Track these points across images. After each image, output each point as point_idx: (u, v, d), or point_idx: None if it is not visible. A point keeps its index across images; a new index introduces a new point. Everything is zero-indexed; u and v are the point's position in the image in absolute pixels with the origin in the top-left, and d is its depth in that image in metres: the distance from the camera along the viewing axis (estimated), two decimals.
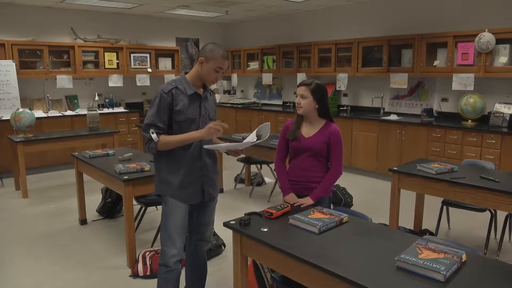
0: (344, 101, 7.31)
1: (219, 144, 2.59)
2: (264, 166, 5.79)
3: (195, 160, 2.50)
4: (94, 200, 4.89)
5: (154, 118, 2.37)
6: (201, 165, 2.52)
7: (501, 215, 3.88)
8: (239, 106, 8.55)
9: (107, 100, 7.79)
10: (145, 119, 2.43)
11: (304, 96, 2.71)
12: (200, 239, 2.72)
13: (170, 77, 7.86)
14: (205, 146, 2.48)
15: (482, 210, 3.61)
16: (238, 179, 5.94)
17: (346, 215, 2.38)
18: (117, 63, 7.63)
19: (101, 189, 4.79)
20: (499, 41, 5.06)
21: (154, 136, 2.34)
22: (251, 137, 2.51)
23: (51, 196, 5.48)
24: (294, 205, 2.63)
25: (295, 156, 2.84)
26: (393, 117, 6.16)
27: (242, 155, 5.54)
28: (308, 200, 2.67)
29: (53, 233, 4.24)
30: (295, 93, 8.38)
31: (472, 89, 5.34)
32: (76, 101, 7.53)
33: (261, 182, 5.96)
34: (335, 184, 3.32)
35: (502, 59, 5.07)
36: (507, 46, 5.05)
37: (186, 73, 2.51)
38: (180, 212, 2.50)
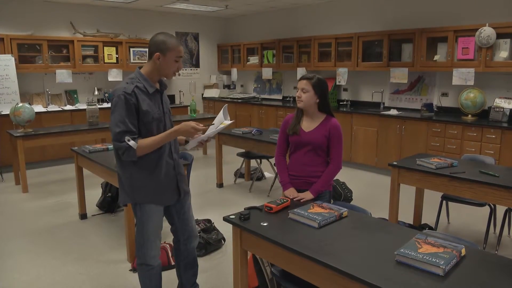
0: (344, 95, 7.30)
1: (197, 138, 2.44)
2: (264, 161, 5.79)
3: (167, 160, 2.42)
4: (94, 194, 4.90)
5: (125, 124, 2.19)
6: (173, 163, 2.47)
7: (500, 210, 3.89)
8: (239, 100, 8.54)
9: (106, 95, 7.78)
10: (113, 127, 2.21)
11: (305, 90, 2.70)
12: (189, 236, 2.67)
13: None
14: (188, 147, 2.44)
15: (481, 204, 3.62)
16: (238, 174, 5.94)
17: (345, 209, 2.39)
18: (117, 58, 7.62)
19: (101, 184, 4.79)
20: (499, 36, 5.05)
21: (132, 143, 2.18)
22: (219, 120, 2.47)
23: (51, 190, 5.49)
24: (294, 199, 2.64)
25: (295, 150, 2.84)
26: (393, 111, 6.16)
27: (242, 150, 5.55)
28: (308, 195, 2.68)
29: (53, 227, 4.25)
30: (295, 87, 8.35)
31: (472, 83, 5.33)
32: (75, 95, 7.52)
33: (261, 177, 5.97)
34: (334, 178, 3.33)
35: (503, 54, 5.06)
36: (508, 40, 5.03)
37: (140, 68, 2.35)
38: (158, 216, 2.46)
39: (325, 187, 2.75)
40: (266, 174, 6.10)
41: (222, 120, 2.47)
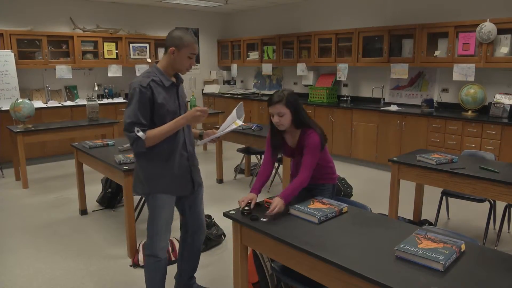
0: (344, 91, 7.29)
1: (210, 136, 2.55)
2: None
3: (181, 152, 2.47)
4: (94, 190, 4.90)
5: (137, 115, 2.26)
6: (187, 155, 2.52)
7: (500, 206, 3.89)
8: (239, 96, 8.53)
9: (106, 91, 7.77)
10: (125, 118, 2.29)
11: (281, 114, 2.54)
12: (197, 230, 2.72)
13: None
14: (200, 142, 2.52)
15: (481, 200, 3.63)
16: (238, 170, 5.94)
17: (345, 205, 2.39)
18: (116, 53, 7.59)
19: (101, 180, 4.80)
20: (500, 31, 5.03)
21: (141, 134, 2.25)
22: (232, 118, 2.49)
23: (51, 186, 5.49)
24: (269, 211, 2.32)
25: (291, 158, 2.83)
26: (393, 107, 6.15)
27: (242, 146, 5.55)
28: (279, 202, 2.34)
29: (54, 223, 4.25)
30: (295, 83, 8.29)
31: (472, 79, 5.32)
32: (75, 91, 7.51)
33: None
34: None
35: (503, 49, 5.05)
36: (508, 36, 5.02)
37: (156, 62, 2.44)
38: (169, 206, 2.50)
39: (292, 196, 2.46)
40: None
41: (235, 119, 2.49)
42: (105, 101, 7.48)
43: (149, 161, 2.41)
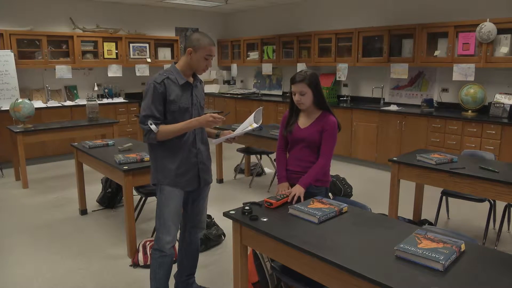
0: (344, 91, 7.29)
1: (225, 136, 2.64)
2: (264, 156, 5.79)
3: (190, 148, 2.55)
4: (94, 190, 4.90)
5: (151, 109, 2.40)
6: (196, 152, 2.58)
7: (500, 206, 3.89)
8: (239, 96, 8.53)
9: (106, 91, 7.77)
10: (141, 111, 2.45)
11: (303, 92, 2.65)
12: (195, 226, 2.78)
13: None
14: (215, 141, 2.63)
15: (481, 200, 3.63)
16: (238, 169, 5.95)
17: (345, 205, 2.39)
18: (116, 53, 7.59)
19: (101, 179, 4.80)
20: (500, 31, 5.03)
21: (153, 127, 2.37)
22: (249, 121, 2.55)
23: (51, 186, 5.49)
24: (289, 200, 2.51)
25: (292, 146, 2.84)
26: (393, 107, 6.15)
27: (242, 146, 5.56)
28: (298, 188, 2.58)
29: (54, 223, 4.25)
30: None
31: (472, 79, 5.32)
32: (75, 91, 7.51)
33: (260, 172, 5.97)
34: (334, 174, 3.31)
35: (503, 49, 5.05)
36: (508, 36, 5.02)
37: (175, 63, 2.54)
38: (176, 200, 2.55)
39: (312, 181, 2.66)
40: (266, 169, 6.10)
41: (251, 122, 2.55)
42: (105, 101, 7.49)
43: (158, 154, 2.52)
